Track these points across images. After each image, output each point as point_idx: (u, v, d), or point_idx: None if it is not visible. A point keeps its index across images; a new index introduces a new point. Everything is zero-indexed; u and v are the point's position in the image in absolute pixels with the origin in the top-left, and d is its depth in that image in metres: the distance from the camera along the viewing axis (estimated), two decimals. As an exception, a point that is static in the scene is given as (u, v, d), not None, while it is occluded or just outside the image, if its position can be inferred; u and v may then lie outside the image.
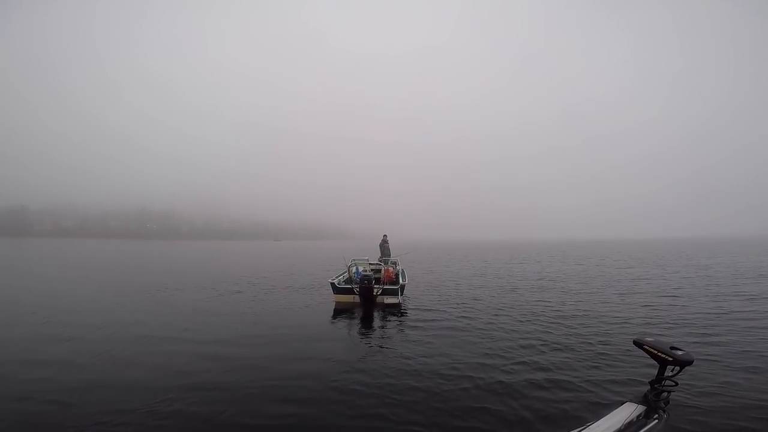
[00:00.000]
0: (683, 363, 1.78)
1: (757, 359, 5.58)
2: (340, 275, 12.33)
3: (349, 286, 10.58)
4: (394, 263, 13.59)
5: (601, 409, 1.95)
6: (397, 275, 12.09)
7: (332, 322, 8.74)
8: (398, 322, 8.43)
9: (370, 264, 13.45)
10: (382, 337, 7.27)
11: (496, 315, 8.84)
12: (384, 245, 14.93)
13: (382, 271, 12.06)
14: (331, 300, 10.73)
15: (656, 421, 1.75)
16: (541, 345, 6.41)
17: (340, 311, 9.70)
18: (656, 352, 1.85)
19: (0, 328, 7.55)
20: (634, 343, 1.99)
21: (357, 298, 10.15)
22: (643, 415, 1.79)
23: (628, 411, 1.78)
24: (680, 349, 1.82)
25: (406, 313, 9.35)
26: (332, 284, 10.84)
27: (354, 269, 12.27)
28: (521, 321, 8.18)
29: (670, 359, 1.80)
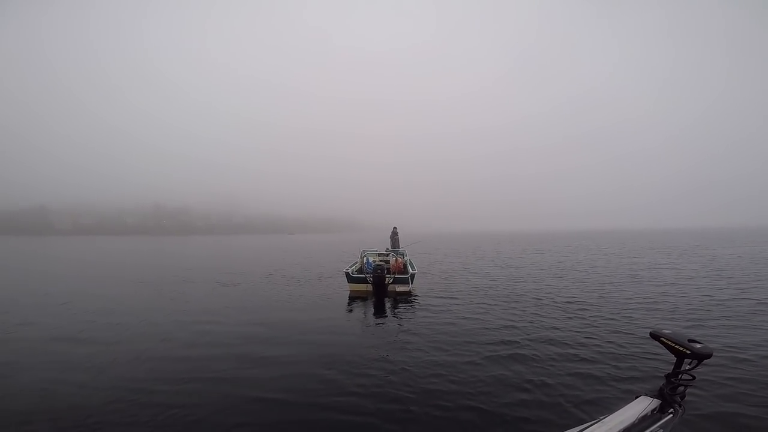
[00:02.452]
0: (701, 356, 1.70)
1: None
2: (353, 265, 12.58)
3: (363, 276, 10.89)
4: (402, 254, 13.70)
5: (615, 403, 1.90)
6: (405, 265, 12.28)
7: (347, 310, 9.03)
8: (409, 310, 8.55)
9: (378, 255, 13.63)
10: (394, 324, 7.40)
11: (506, 305, 8.81)
12: (394, 237, 15.05)
13: (391, 261, 12.21)
14: (345, 289, 11.06)
15: (671, 415, 1.68)
16: (553, 336, 6.33)
17: (354, 299, 10.06)
18: (673, 344, 1.77)
19: (25, 327, 7.80)
20: (650, 335, 1.91)
21: (370, 287, 10.47)
22: (657, 409, 1.73)
23: (642, 405, 1.72)
24: (699, 342, 1.73)
25: (417, 301, 9.49)
26: (347, 274, 11.16)
27: (365, 259, 12.47)
28: (532, 312, 8.10)
29: (688, 352, 1.72)
